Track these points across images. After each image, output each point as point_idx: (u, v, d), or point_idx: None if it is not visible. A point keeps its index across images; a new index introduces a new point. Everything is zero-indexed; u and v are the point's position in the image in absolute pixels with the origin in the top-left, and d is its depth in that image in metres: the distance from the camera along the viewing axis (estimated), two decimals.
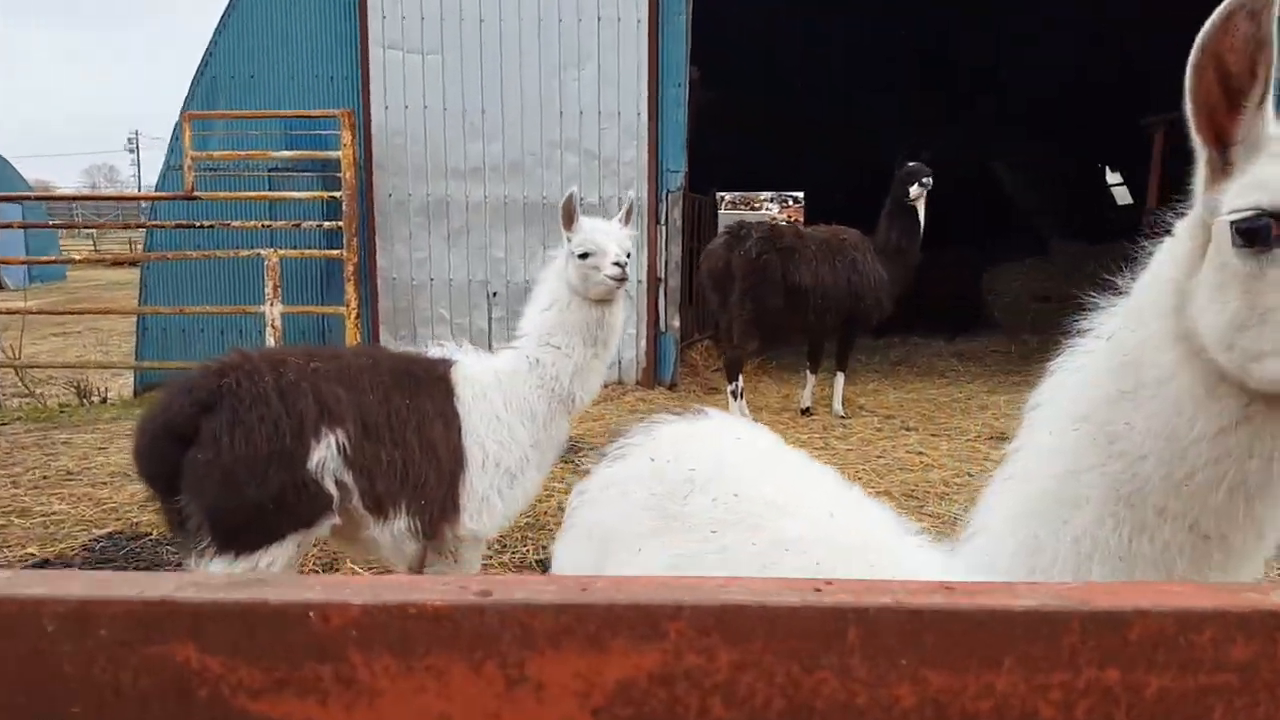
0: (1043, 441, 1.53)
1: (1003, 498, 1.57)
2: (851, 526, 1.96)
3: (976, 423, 9.01)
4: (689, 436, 2.42)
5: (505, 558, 5.40)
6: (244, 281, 11.06)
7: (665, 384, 10.84)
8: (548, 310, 3.93)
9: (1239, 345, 1.28)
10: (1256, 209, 1.27)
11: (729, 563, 1.96)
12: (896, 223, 9.20)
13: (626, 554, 2.19)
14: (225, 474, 3.02)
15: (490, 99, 10.95)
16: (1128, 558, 1.37)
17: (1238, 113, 1.33)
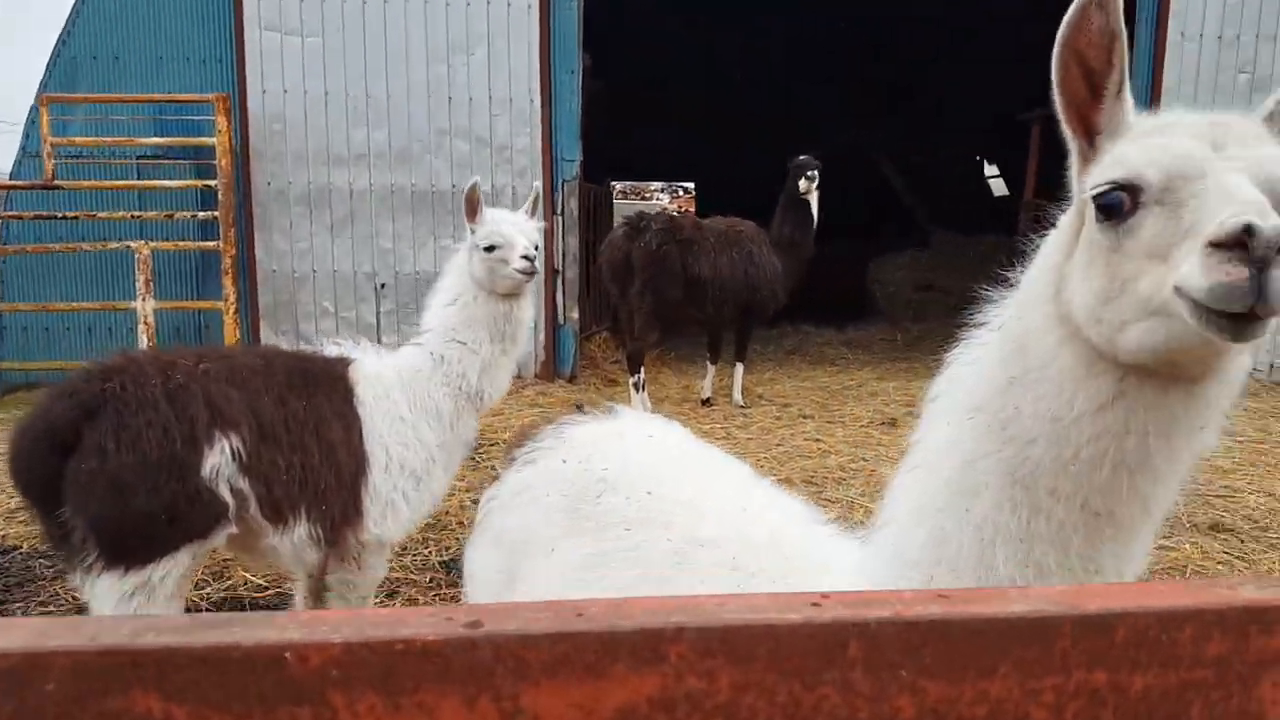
0: (942, 433, 1.57)
1: (908, 489, 1.61)
2: (764, 520, 1.98)
3: (868, 409, 9.24)
4: (600, 437, 2.41)
5: (406, 560, 5.25)
6: (113, 276, 10.45)
7: (565, 377, 10.74)
8: (452, 305, 3.81)
9: (1105, 318, 1.35)
10: (1111, 183, 1.35)
11: (642, 560, 1.98)
12: (790, 216, 9.36)
13: (540, 556, 2.17)
14: (112, 483, 2.81)
15: (375, 83, 10.61)
16: (1027, 538, 1.41)
17: (1100, 103, 1.45)
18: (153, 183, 10.17)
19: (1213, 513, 6.15)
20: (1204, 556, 5.40)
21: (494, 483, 2.53)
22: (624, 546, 2.02)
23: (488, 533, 2.45)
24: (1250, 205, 1.23)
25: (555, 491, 2.26)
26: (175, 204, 10.36)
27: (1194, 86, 10.75)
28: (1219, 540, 5.68)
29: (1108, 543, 1.41)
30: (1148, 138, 1.41)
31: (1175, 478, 1.42)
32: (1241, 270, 1.20)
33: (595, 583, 1.98)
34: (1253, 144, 1.36)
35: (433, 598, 4.87)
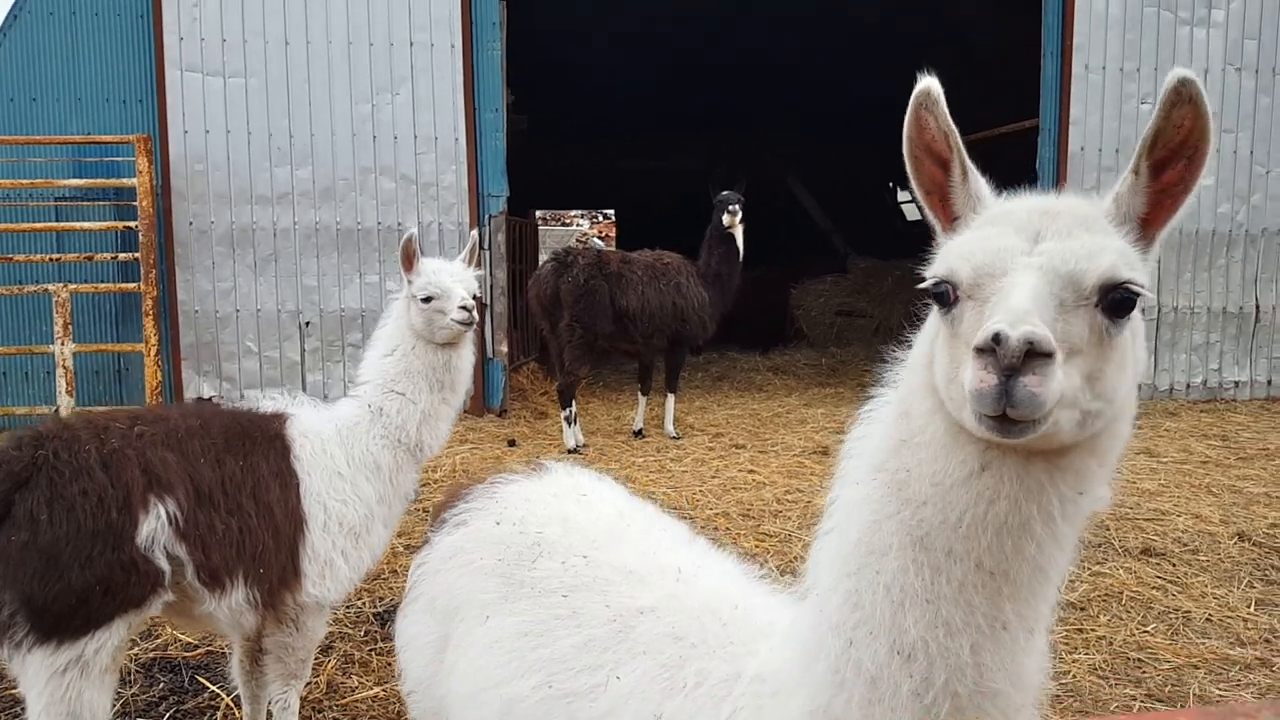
0: (852, 493, 1.60)
1: (826, 551, 1.63)
2: (701, 584, 2.00)
3: (799, 437, 9.43)
4: (533, 496, 2.39)
5: (340, 612, 5.21)
6: (30, 319, 10.17)
7: (495, 410, 10.74)
8: (389, 356, 3.79)
9: (951, 396, 1.42)
10: (934, 276, 1.45)
11: (583, 626, 1.97)
12: (717, 249, 9.58)
13: (474, 624, 2.14)
14: (44, 556, 2.77)
15: (298, 123, 10.55)
16: (934, 599, 1.45)
17: (951, 189, 1.56)
18: (72, 225, 9.94)
19: (1143, 536, 6.31)
20: (1138, 582, 5.52)
21: (425, 548, 2.49)
22: (562, 614, 2.00)
23: (419, 600, 2.41)
24: (1012, 313, 1.28)
25: (488, 555, 2.24)
26: (95, 246, 10.14)
27: (1100, 116, 11.29)
28: (1151, 564, 5.82)
29: (1008, 601, 1.44)
30: (978, 229, 1.49)
31: (1062, 539, 1.45)
32: (991, 377, 1.27)
33: (532, 652, 1.98)
34: (1072, 234, 1.41)
35: (369, 652, 4.85)
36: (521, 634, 2.03)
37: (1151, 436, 9.39)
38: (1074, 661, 4.56)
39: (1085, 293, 1.36)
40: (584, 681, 1.89)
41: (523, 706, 1.94)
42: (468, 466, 8.26)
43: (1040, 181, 11.28)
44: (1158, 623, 5.03)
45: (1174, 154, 1.43)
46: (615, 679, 1.85)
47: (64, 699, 2.84)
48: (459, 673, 2.13)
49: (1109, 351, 1.38)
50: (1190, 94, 1.37)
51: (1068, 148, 11.28)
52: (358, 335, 10.53)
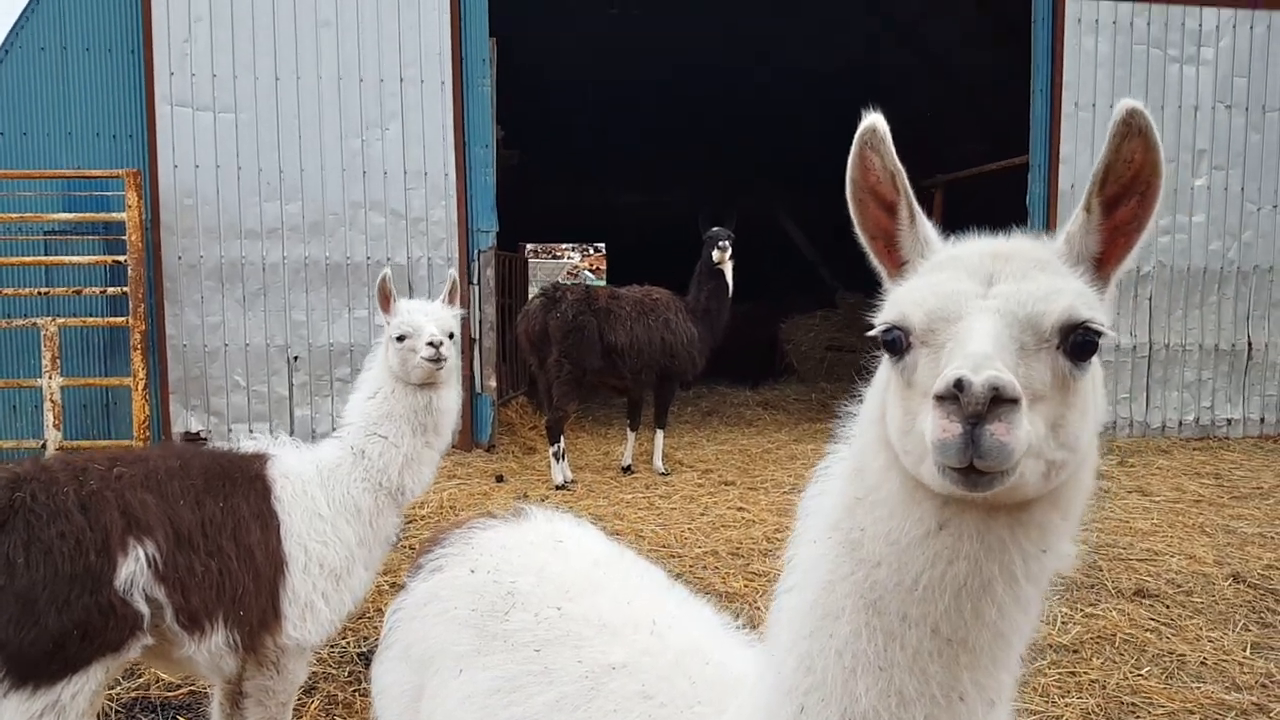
0: (808, 552, 1.53)
1: (783, 611, 1.56)
2: (674, 639, 1.94)
3: (789, 474, 9.41)
4: (509, 544, 2.34)
5: (324, 652, 5.14)
6: (18, 353, 10.13)
7: (483, 445, 10.71)
8: (372, 399, 3.77)
9: (907, 449, 1.34)
10: (885, 323, 1.40)
11: (555, 683, 1.91)
12: (707, 285, 9.60)
13: (448, 676, 2.10)
14: (20, 601, 2.73)
15: (288, 158, 10.59)
16: (886, 667, 1.38)
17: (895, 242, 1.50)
18: (61, 259, 9.92)
19: (1136, 577, 6.26)
20: (1131, 624, 5.47)
21: (402, 593, 2.45)
22: (534, 670, 1.95)
23: (394, 646, 2.36)
24: (973, 358, 1.22)
25: (463, 605, 2.19)
26: (84, 279, 10.13)
27: (1090, 154, 11.34)
28: (1144, 606, 5.76)
29: (966, 670, 1.37)
30: (928, 274, 1.43)
31: (1026, 602, 1.37)
32: (955, 426, 1.20)
33: (505, 709, 1.93)
34: (1027, 276, 1.36)
35: (352, 693, 4.78)
36: (494, 690, 1.98)
37: (1144, 475, 9.37)
38: (1066, 705, 4.51)
39: (1045, 334, 1.30)
40: None
41: None
42: (455, 502, 8.21)
43: (1030, 219, 11.39)
44: (1152, 666, 4.97)
45: (1126, 190, 1.39)
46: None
47: None
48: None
49: (1072, 397, 1.32)
50: (1140, 125, 1.33)
51: (1058, 185, 11.35)
52: (346, 370, 10.51)
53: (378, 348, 3.87)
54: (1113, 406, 11.61)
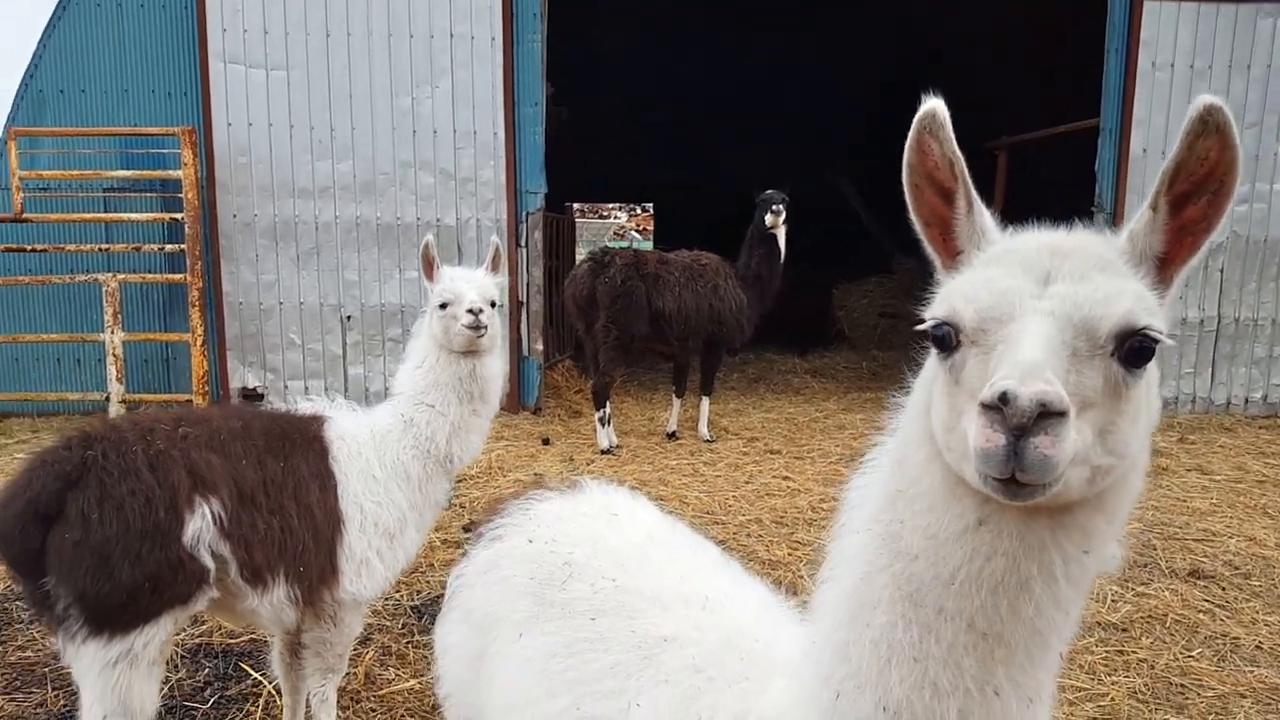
0: (849, 543, 1.54)
1: (823, 601, 1.58)
2: (725, 615, 1.98)
3: (837, 443, 9.37)
4: (565, 516, 2.40)
5: (380, 604, 5.28)
6: (82, 308, 10.44)
7: (529, 409, 10.81)
8: (419, 368, 3.80)
9: (950, 446, 1.33)
10: (935, 319, 1.36)
11: (610, 650, 1.97)
12: (758, 250, 9.47)
13: (508, 640, 2.18)
14: (96, 554, 2.84)
15: (339, 116, 10.66)
16: (921, 659, 1.38)
17: (950, 232, 1.45)
18: (120, 215, 10.14)
19: (1192, 558, 6.16)
20: (1184, 605, 5.40)
21: (463, 559, 2.54)
22: (590, 637, 2.01)
23: (456, 610, 2.45)
24: (1021, 367, 1.20)
25: (522, 573, 2.25)
26: (142, 237, 10.36)
27: (1165, 117, 10.91)
28: (1199, 588, 5.68)
29: (1001, 665, 1.37)
30: (983, 268, 1.40)
31: (1065, 602, 1.36)
32: (999, 436, 1.19)
33: (562, 674, 1.99)
34: (1085, 277, 1.32)
35: (406, 645, 4.91)
36: (551, 654, 2.04)
37: (1205, 453, 9.15)
38: (1113, 684, 4.49)
39: (1100, 341, 1.27)
40: (609, 706, 1.90)
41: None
42: (502, 464, 8.31)
43: (1099, 186, 11.08)
44: (1203, 648, 4.91)
45: (1197, 188, 1.33)
46: (636, 705, 1.86)
47: (114, 689, 2.93)
48: (496, 687, 2.17)
49: (1123, 404, 1.29)
50: (1218, 123, 1.27)
51: (1129, 150, 10.94)
52: (398, 330, 10.64)
53: (424, 315, 3.90)
54: (1175, 382, 11.34)
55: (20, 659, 4.69)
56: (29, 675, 4.53)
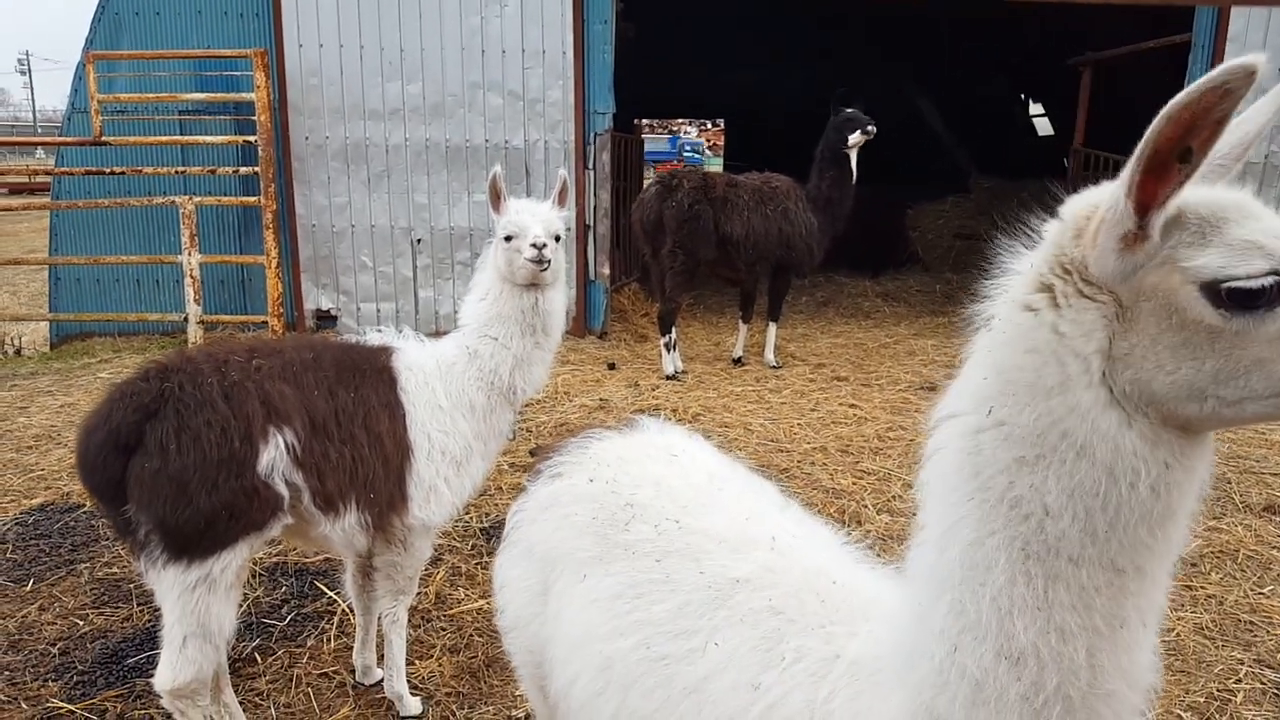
0: (941, 515, 1.54)
1: (924, 561, 1.58)
2: (796, 557, 1.99)
3: (906, 370, 9.23)
4: (626, 457, 2.41)
5: (450, 527, 5.42)
6: (159, 230, 10.71)
7: (595, 333, 10.85)
8: (483, 300, 3.81)
9: (1220, 395, 1.34)
10: (1270, 271, 1.32)
11: (677, 591, 1.99)
12: (829, 172, 9.20)
13: (572, 580, 2.21)
14: (174, 483, 2.95)
15: (409, 37, 10.60)
16: (1045, 607, 1.41)
17: (1169, 180, 1.35)
18: (195, 138, 10.31)
19: (1268, 492, 6.00)
20: (1257, 540, 5.29)
21: (522, 496, 2.57)
22: (655, 578, 2.04)
23: (518, 545, 2.46)
24: None
25: (583, 513, 2.28)
26: (217, 159, 10.54)
27: (1264, 32, 10.23)
28: (1273, 523, 5.54)
29: (1131, 597, 1.41)
30: (1257, 221, 1.38)
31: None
32: None
33: (629, 614, 2.03)
34: None
35: (475, 566, 5.06)
36: (617, 595, 2.07)
37: None
38: (1179, 619, 4.44)
39: None
40: (680, 646, 1.92)
41: (622, 664, 1.99)
42: (568, 388, 8.39)
43: None
44: (1276, 584, 4.82)
45: None
46: (713, 645, 1.87)
47: (194, 611, 3.06)
48: (563, 623, 2.21)
49: None
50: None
51: None
52: (466, 254, 10.72)
53: (489, 246, 3.90)
54: None
55: (107, 574, 4.95)
56: (116, 590, 4.78)
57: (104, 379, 8.50)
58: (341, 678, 4.06)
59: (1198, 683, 3.95)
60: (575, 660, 2.11)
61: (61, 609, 4.56)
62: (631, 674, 1.96)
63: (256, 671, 4.07)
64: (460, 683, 4.02)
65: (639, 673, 1.95)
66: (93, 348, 10.30)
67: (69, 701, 3.80)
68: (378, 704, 3.88)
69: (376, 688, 3.97)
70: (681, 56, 19.04)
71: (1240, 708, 3.79)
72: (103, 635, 4.33)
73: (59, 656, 4.15)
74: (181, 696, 3.11)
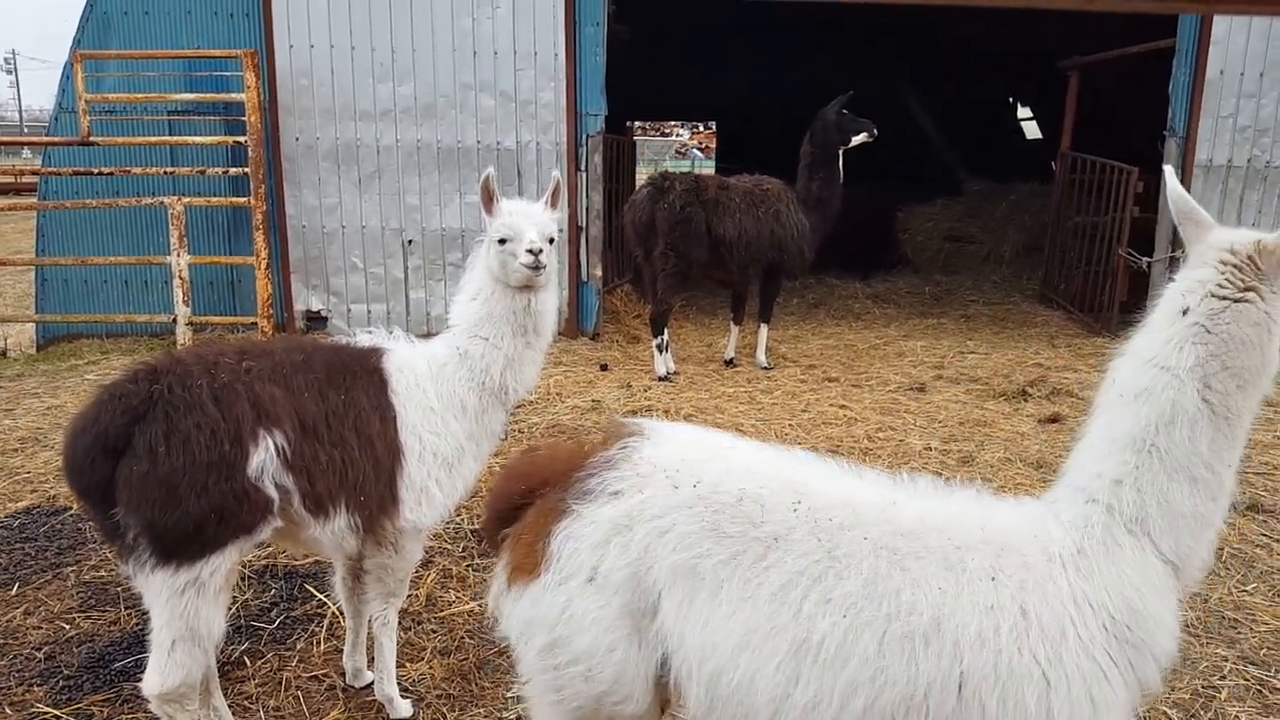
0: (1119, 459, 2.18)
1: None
2: (929, 506, 2.20)
3: (896, 371, 9.24)
4: (694, 457, 2.36)
5: (441, 529, 5.40)
6: (148, 231, 10.64)
7: (588, 334, 10.84)
8: (474, 300, 3.78)
9: None
10: None
11: (855, 560, 2.08)
12: (820, 172, 9.21)
13: (697, 589, 2.16)
14: (163, 486, 2.92)
15: (400, 38, 10.58)
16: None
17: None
18: (184, 139, 10.26)
19: (1251, 491, 6.03)
20: (1240, 539, 5.32)
21: (567, 519, 2.35)
22: (824, 557, 2.09)
23: (577, 574, 2.30)
24: None
25: (688, 521, 2.21)
26: (206, 160, 10.49)
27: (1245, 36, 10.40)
28: (1256, 522, 5.59)
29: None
30: None
31: None
32: None
33: (810, 597, 2.07)
34: None
35: (466, 568, 5.04)
36: (786, 585, 2.09)
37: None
38: None
39: None
40: (888, 605, 2.03)
41: (827, 643, 2.03)
42: (561, 389, 8.38)
43: (1172, 109, 10.59)
44: (1259, 583, 4.86)
45: None
46: (928, 593, 2.02)
47: (183, 615, 3.04)
48: (697, 635, 2.15)
49: None
50: None
51: (1205, 71, 10.45)
52: (458, 255, 10.70)
53: (479, 247, 3.87)
54: None
55: (94, 578, 4.91)
56: (103, 594, 4.75)
57: (91, 381, 8.46)
58: (331, 681, 4.04)
59: (1183, 680, 3.98)
60: (743, 661, 2.10)
61: (47, 613, 4.53)
62: (844, 647, 2.02)
63: (246, 675, 4.05)
64: (451, 685, 4.00)
65: (851, 641, 2.02)
66: (80, 349, 10.24)
67: (55, 706, 3.77)
68: (368, 707, 3.86)
69: (367, 690, 3.95)
70: (674, 59, 19.07)
71: (1225, 704, 3.81)
72: (89, 639, 4.29)
73: (45, 661, 4.12)
74: (170, 701, 3.09)
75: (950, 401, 8.02)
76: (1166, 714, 3.75)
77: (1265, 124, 10.61)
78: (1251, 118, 10.61)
